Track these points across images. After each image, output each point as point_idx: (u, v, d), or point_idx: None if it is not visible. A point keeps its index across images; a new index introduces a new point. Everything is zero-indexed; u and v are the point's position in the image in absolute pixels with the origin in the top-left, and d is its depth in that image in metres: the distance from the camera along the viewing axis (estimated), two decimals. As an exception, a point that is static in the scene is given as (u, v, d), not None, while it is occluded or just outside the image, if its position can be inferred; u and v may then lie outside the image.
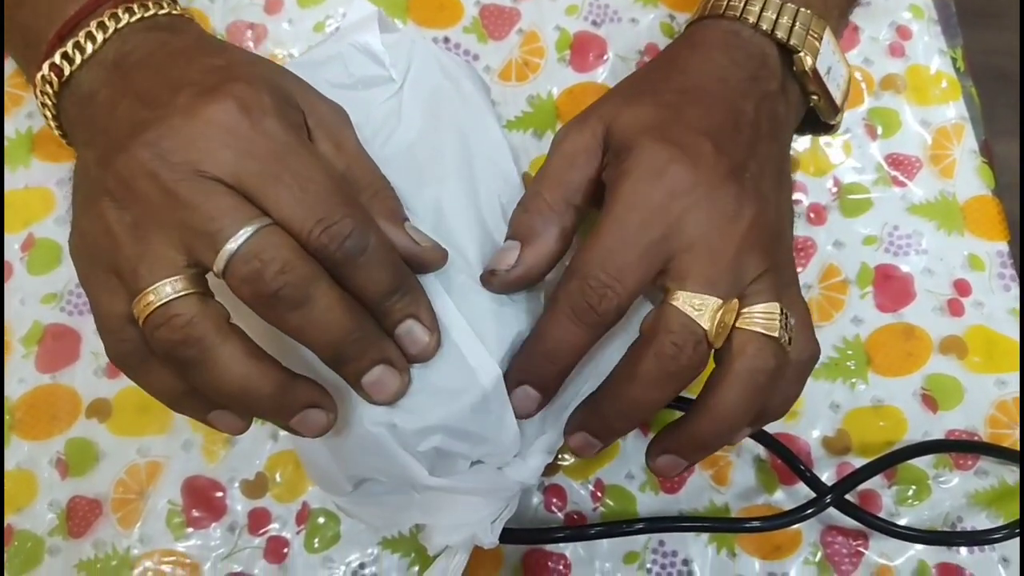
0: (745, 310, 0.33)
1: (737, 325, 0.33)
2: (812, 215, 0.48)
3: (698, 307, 0.32)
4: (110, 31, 0.35)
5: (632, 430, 0.44)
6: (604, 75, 0.50)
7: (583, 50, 0.51)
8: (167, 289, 0.29)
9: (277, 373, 0.31)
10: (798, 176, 0.49)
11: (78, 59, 0.35)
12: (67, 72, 0.35)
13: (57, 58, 0.35)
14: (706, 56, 0.38)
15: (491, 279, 0.36)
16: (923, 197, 0.49)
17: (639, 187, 0.33)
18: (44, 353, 0.45)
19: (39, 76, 0.36)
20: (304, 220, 0.30)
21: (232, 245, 0.29)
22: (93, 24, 0.35)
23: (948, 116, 0.50)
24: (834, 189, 0.49)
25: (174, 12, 0.37)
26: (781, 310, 0.34)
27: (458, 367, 0.36)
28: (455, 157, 0.40)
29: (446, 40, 0.51)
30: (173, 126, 0.30)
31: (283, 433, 0.44)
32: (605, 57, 0.51)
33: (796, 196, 0.48)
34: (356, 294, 0.32)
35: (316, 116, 0.34)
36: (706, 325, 0.32)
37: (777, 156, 0.38)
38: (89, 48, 0.35)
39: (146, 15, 0.36)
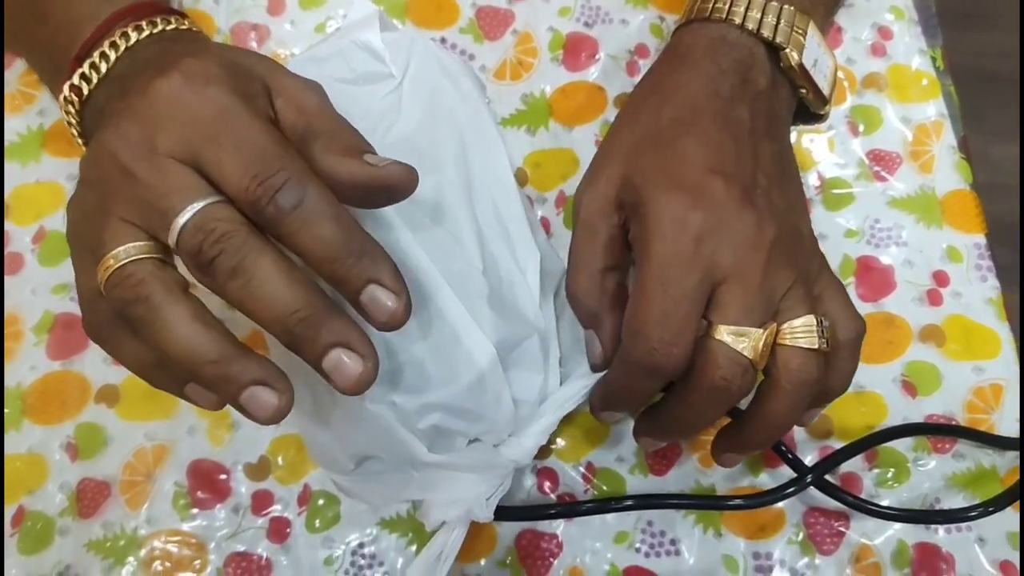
0: (784, 326, 0.36)
1: (778, 342, 0.36)
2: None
3: (740, 338, 0.35)
4: (121, 49, 0.37)
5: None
6: (595, 74, 0.52)
7: (575, 50, 0.53)
8: (123, 253, 0.30)
9: (225, 342, 0.31)
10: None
11: (95, 79, 0.37)
12: (86, 92, 0.38)
13: (76, 79, 0.38)
14: (695, 71, 0.40)
15: (596, 369, 0.41)
16: (903, 191, 0.50)
17: (667, 242, 0.35)
18: (55, 341, 0.47)
19: (62, 97, 0.38)
20: (241, 179, 0.30)
21: (181, 219, 0.30)
22: (106, 44, 0.37)
23: (928, 114, 0.52)
24: (818, 184, 0.51)
25: (181, 27, 0.39)
26: (818, 320, 0.36)
27: (456, 349, 0.37)
28: (452, 149, 0.42)
29: (443, 40, 0.53)
30: (131, 107, 0.32)
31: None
32: (597, 57, 0.52)
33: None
34: (307, 262, 0.31)
35: (284, 90, 0.34)
36: (750, 355, 0.35)
37: (778, 154, 0.40)
38: (104, 67, 0.37)
39: (154, 31, 0.38)
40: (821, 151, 0.51)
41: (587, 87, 0.52)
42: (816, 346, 0.35)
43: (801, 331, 0.35)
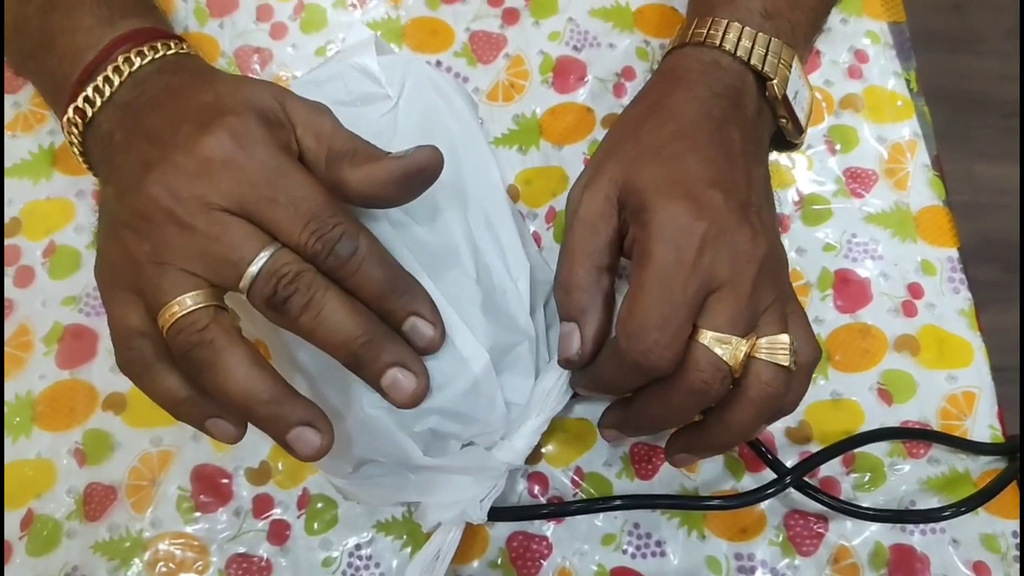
0: (760, 341, 0.38)
1: (753, 355, 0.38)
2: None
3: (724, 345, 0.37)
4: (124, 74, 0.39)
5: None
6: (584, 96, 0.54)
7: (565, 73, 0.55)
8: (188, 301, 0.34)
9: (278, 384, 0.34)
10: (763, 188, 0.52)
11: (98, 102, 0.39)
12: (89, 114, 0.40)
13: (80, 102, 0.40)
14: (690, 94, 0.42)
15: (568, 365, 0.41)
16: (879, 207, 0.52)
17: (672, 249, 0.37)
18: (64, 351, 0.49)
19: (65, 119, 0.40)
20: (300, 233, 0.34)
21: (254, 268, 0.34)
22: (109, 68, 0.40)
23: (903, 133, 0.54)
24: (797, 200, 0.53)
25: (181, 52, 0.41)
26: (791, 340, 0.38)
27: (450, 355, 0.39)
28: (447, 166, 0.44)
29: (438, 63, 0.55)
30: (177, 163, 0.35)
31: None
32: (585, 79, 0.55)
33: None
34: (361, 298, 0.35)
35: (300, 121, 0.37)
36: (731, 362, 0.37)
37: (765, 177, 0.43)
38: (107, 91, 0.39)
39: (156, 56, 0.40)
40: (800, 169, 0.53)
41: (576, 108, 0.54)
42: (787, 364, 0.37)
43: (778, 348, 0.37)
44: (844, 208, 0.53)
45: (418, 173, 0.37)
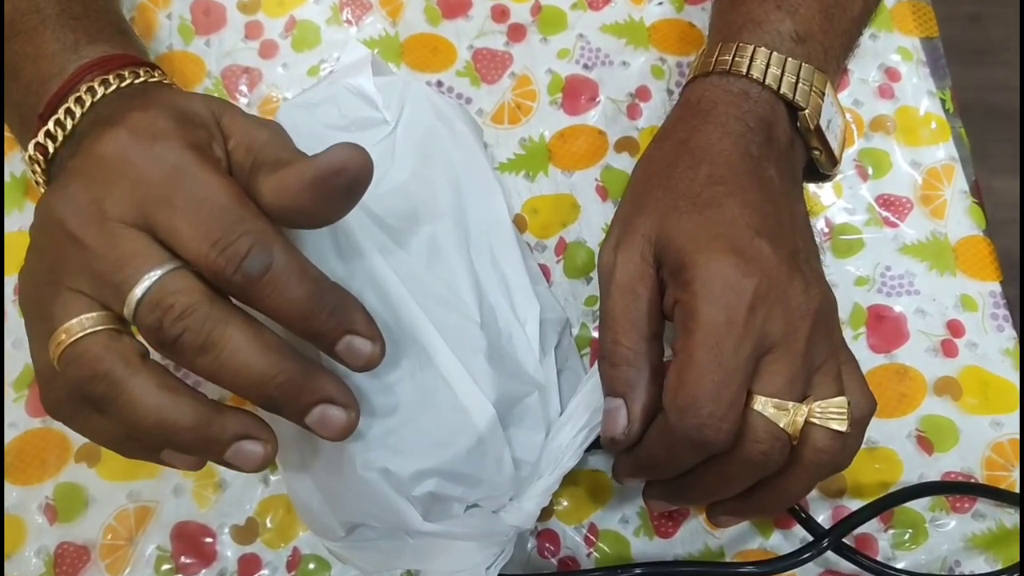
0: (816, 404, 0.34)
1: (809, 420, 0.34)
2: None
3: (781, 412, 0.34)
4: (87, 105, 0.36)
5: None
6: (596, 118, 0.51)
7: (575, 93, 0.51)
8: (77, 327, 0.29)
9: (197, 405, 0.29)
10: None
11: (60, 136, 0.36)
12: (51, 150, 0.36)
13: (41, 137, 0.36)
14: (723, 129, 0.39)
15: (613, 446, 0.37)
16: (914, 237, 0.49)
17: (720, 308, 0.33)
18: (35, 397, 0.45)
19: (27, 156, 0.36)
20: (200, 245, 0.28)
21: (137, 292, 0.28)
22: (72, 100, 0.36)
23: (938, 157, 0.51)
24: (826, 230, 0.49)
25: (150, 80, 0.37)
26: (848, 403, 0.35)
27: (452, 408, 0.36)
28: (448, 197, 0.41)
29: (439, 84, 0.51)
30: (78, 168, 0.30)
31: (275, 477, 0.44)
32: (597, 100, 0.51)
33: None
34: (279, 321, 0.30)
35: (235, 132, 0.32)
36: (790, 430, 0.34)
37: (806, 216, 0.40)
38: (68, 124, 0.35)
39: (122, 85, 0.36)
40: (829, 196, 0.50)
41: (587, 131, 0.50)
42: (844, 429, 0.34)
43: (834, 412, 0.34)
44: (877, 238, 0.49)
45: (335, 176, 0.30)
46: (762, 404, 0.33)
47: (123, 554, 0.43)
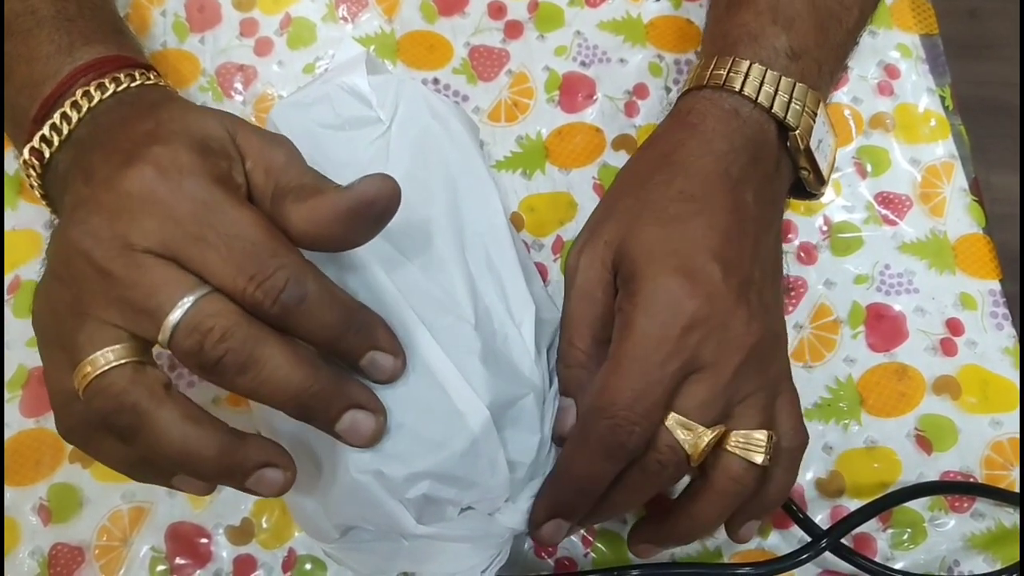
0: (736, 433, 0.35)
1: (726, 447, 0.35)
2: (802, 254, 0.48)
3: (688, 432, 0.34)
4: (83, 110, 0.35)
5: None
6: (593, 115, 0.50)
7: (572, 91, 0.51)
8: (101, 360, 0.29)
9: (221, 435, 0.30)
10: (788, 216, 0.48)
11: (56, 141, 0.35)
12: (47, 155, 0.36)
13: (36, 141, 0.36)
14: (708, 146, 0.39)
15: (561, 443, 0.38)
16: (914, 236, 0.49)
17: (655, 322, 0.34)
18: (29, 397, 0.45)
19: (22, 160, 0.36)
20: (236, 280, 0.29)
21: (173, 318, 0.29)
22: (67, 104, 0.35)
23: (938, 154, 0.50)
24: (824, 228, 0.49)
25: (147, 82, 0.37)
26: (769, 437, 0.35)
27: (445, 410, 0.35)
28: (443, 196, 0.40)
29: (435, 81, 0.51)
30: (98, 201, 0.30)
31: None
32: (594, 97, 0.51)
33: (786, 235, 0.48)
34: (311, 342, 0.31)
35: (251, 153, 0.33)
36: (689, 451, 0.34)
37: (775, 247, 0.40)
38: (65, 129, 0.35)
39: (118, 89, 0.36)
40: (828, 194, 0.49)
41: (584, 129, 0.50)
42: (761, 461, 0.35)
43: (753, 444, 0.35)
44: (876, 236, 0.49)
45: (367, 207, 0.31)
46: (673, 420, 0.34)
47: (117, 555, 0.42)
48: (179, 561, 0.42)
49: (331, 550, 0.40)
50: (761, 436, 0.35)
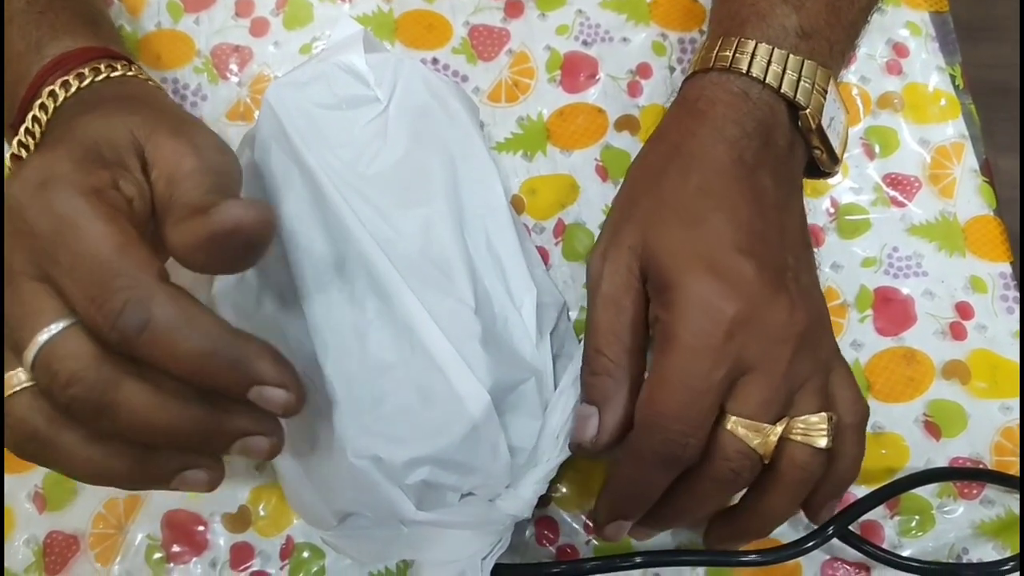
0: (795, 420, 0.34)
1: (788, 437, 0.34)
2: (811, 238, 0.47)
3: (754, 432, 0.33)
4: (50, 111, 0.34)
5: None
6: (595, 96, 0.49)
7: (574, 70, 0.50)
8: (9, 382, 0.28)
9: (125, 450, 0.29)
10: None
11: (31, 145, 0.35)
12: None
13: (15, 147, 0.35)
14: (719, 134, 0.38)
15: (580, 452, 0.37)
16: (923, 218, 0.48)
17: (696, 332, 0.33)
18: (22, 384, 0.44)
19: (7, 168, 0.36)
20: (82, 303, 0.27)
21: (28, 355, 0.27)
22: (36, 107, 0.35)
23: (947, 135, 0.49)
24: (831, 210, 0.48)
25: (112, 75, 0.36)
26: (829, 418, 0.34)
27: (445, 395, 0.35)
28: (442, 178, 0.40)
29: (435, 61, 0.50)
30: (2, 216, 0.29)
31: (267, 464, 0.43)
32: (596, 77, 0.50)
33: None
34: (176, 377, 0.28)
35: (158, 163, 0.31)
36: (761, 451, 0.34)
37: (801, 226, 0.39)
38: (37, 132, 0.34)
39: (82, 85, 0.35)
40: (835, 175, 0.48)
41: (586, 109, 0.49)
42: (824, 445, 0.34)
43: (814, 429, 0.34)
44: (884, 218, 0.48)
45: (227, 237, 0.28)
46: (733, 424, 0.33)
47: (113, 543, 0.42)
48: (175, 549, 0.42)
49: (329, 537, 0.39)
50: (820, 419, 0.34)
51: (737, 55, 0.38)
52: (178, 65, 0.50)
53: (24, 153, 0.35)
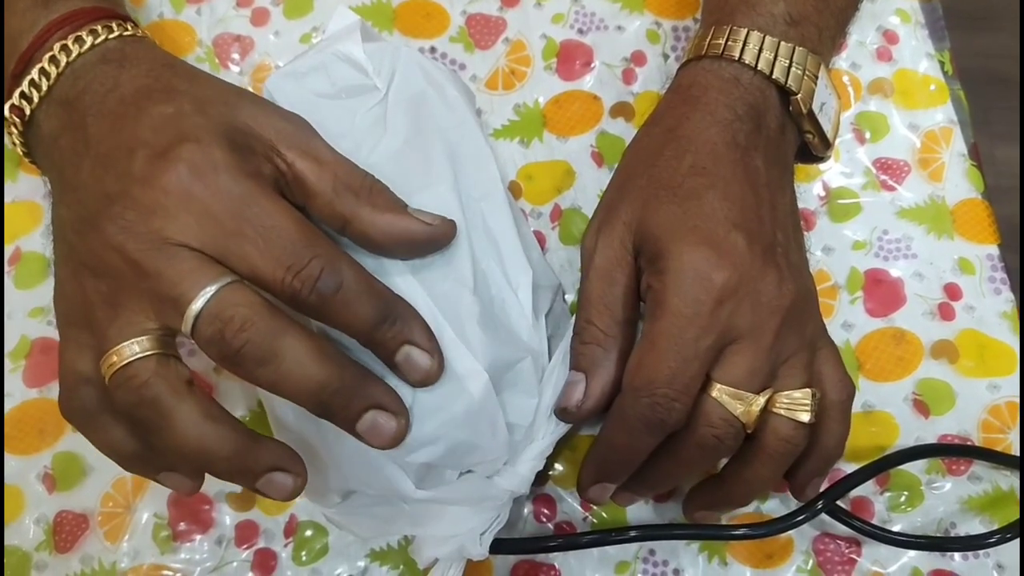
0: (779, 395, 0.35)
1: (772, 410, 0.35)
2: (801, 221, 0.48)
3: (737, 401, 0.34)
4: (62, 65, 0.35)
5: None
6: (591, 83, 0.50)
7: (569, 58, 0.51)
8: (127, 351, 0.30)
9: (236, 435, 0.31)
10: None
11: (35, 97, 0.35)
12: (27, 112, 0.36)
13: (16, 98, 0.36)
14: (712, 117, 0.38)
15: (564, 416, 0.38)
16: (912, 201, 0.48)
17: (687, 299, 0.34)
18: (32, 367, 0.45)
19: (5, 118, 0.36)
20: (274, 271, 0.30)
21: (196, 306, 0.29)
22: (45, 59, 0.35)
23: (936, 120, 0.50)
24: (823, 194, 0.49)
25: (125, 34, 0.37)
26: (813, 394, 0.35)
27: (446, 376, 0.35)
28: (441, 164, 0.40)
29: (432, 50, 0.51)
30: (134, 197, 0.31)
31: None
32: (592, 65, 0.51)
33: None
34: (348, 333, 0.32)
35: (283, 140, 0.34)
36: (744, 419, 0.35)
37: (791, 205, 0.40)
38: (44, 85, 0.35)
39: (96, 42, 0.36)
40: (827, 160, 0.49)
41: (582, 96, 0.50)
42: (807, 420, 0.35)
43: (798, 403, 0.35)
44: (874, 202, 0.48)
45: (434, 241, 0.35)
46: (719, 391, 0.34)
47: (121, 521, 0.43)
48: (182, 527, 0.43)
49: (332, 514, 0.40)
50: (804, 395, 0.35)
51: (729, 43, 0.39)
52: (180, 55, 0.50)
53: (26, 104, 0.35)
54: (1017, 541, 0.41)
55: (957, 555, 0.42)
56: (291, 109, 0.39)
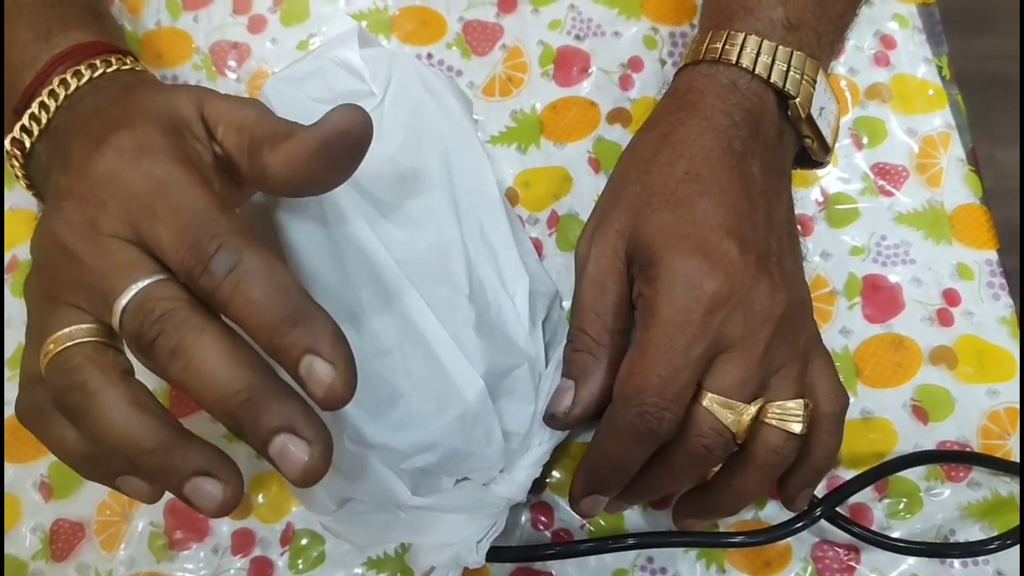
0: (770, 405, 0.35)
1: (763, 420, 0.35)
2: (799, 226, 0.48)
3: (727, 410, 0.34)
4: (61, 98, 0.35)
5: None
6: (587, 89, 0.50)
7: (566, 64, 0.51)
8: (63, 337, 0.29)
9: (164, 429, 0.28)
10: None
11: (35, 131, 0.35)
12: (28, 144, 0.36)
13: (17, 132, 0.36)
14: (707, 123, 0.38)
15: (553, 422, 0.38)
16: (910, 206, 0.48)
17: (677, 307, 0.34)
18: (28, 375, 0.45)
19: (6, 150, 0.36)
20: (177, 250, 0.28)
21: (122, 300, 0.28)
22: (45, 93, 0.35)
23: (935, 125, 0.50)
24: (820, 200, 0.49)
25: (122, 67, 0.37)
26: (805, 405, 0.35)
27: (441, 381, 0.35)
28: (437, 170, 0.40)
29: (429, 56, 0.51)
30: (72, 189, 0.30)
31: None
32: (589, 71, 0.51)
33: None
34: (244, 328, 0.28)
35: (222, 119, 0.32)
36: (734, 429, 0.34)
37: (787, 212, 0.40)
38: (44, 118, 0.35)
39: (94, 75, 0.36)
40: (827, 165, 0.49)
41: (579, 102, 0.50)
42: (799, 431, 0.35)
43: (790, 414, 0.35)
44: (872, 208, 0.48)
45: (339, 140, 0.30)
46: (709, 400, 0.34)
47: (117, 530, 0.43)
48: (178, 536, 0.43)
49: (329, 522, 0.40)
50: (796, 405, 0.35)
51: (727, 46, 0.39)
52: (178, 63, 0.51)
53: (26, 138, 0.35)
54: (1017, 548, 0.40)
55: (956, 562, 0.42)
56: (287, 114, 0.39)
